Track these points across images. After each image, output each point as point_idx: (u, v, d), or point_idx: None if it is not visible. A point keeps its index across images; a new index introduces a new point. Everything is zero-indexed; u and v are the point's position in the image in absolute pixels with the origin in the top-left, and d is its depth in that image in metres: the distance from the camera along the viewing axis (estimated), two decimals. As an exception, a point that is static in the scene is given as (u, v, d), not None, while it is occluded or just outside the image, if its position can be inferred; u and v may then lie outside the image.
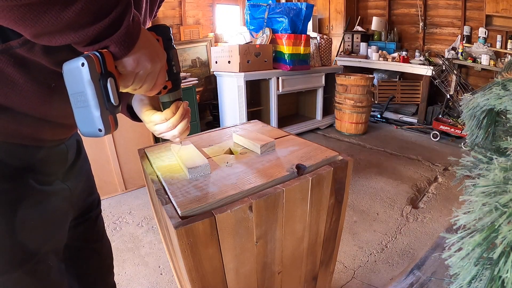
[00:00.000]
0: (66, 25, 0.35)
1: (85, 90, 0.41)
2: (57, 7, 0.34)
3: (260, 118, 2.96)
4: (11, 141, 0.46)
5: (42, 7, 0.33)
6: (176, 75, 0.57)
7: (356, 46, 4.43)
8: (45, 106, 0.47)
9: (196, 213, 0.51)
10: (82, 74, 0.40)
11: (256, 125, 0.98)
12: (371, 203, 1.99)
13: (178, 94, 0.61)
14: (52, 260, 0.55)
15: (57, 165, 0.56)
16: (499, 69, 3.11)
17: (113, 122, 0.45)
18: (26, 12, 0.33)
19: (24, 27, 0.34)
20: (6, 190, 0.46)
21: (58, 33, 0.36)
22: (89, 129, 0.44)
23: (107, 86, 0.42)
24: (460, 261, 0.30)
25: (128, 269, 1.45)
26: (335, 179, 0.68)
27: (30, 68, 0.43)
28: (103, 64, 0.41)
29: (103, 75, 0.41)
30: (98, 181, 2.33)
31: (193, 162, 0.63)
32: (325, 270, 0.84)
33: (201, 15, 3.79)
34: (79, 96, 0.42)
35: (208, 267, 0.54)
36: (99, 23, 0.38)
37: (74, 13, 0.35)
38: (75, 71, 0.41)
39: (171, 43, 0.54)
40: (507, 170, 0.31)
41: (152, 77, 0.48)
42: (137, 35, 0.43)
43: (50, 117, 0.49)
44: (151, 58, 0.46)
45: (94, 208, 0.74)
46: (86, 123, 0.44)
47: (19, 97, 0.44)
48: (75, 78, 0.41)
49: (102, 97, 0.42)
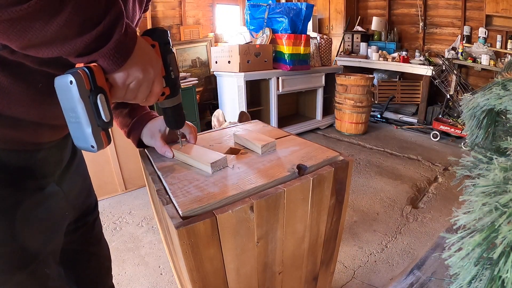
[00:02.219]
0: (51, 38, 0.34)
1: (75, 107, 0.40)
2: (41, 21, 0.32)
3: (260, 118, 2.95)
4: (4, 146, 0.44)
5: (25, 20, 0.32)
6: (174, 80, 0.55)
7: (356, 46, 4.43)
8: (36, 108, 0.46)
9: (197, 213, 0.51)
10: (72, 91, 0.39)
11: (257, 125, 0.98)
12: (371, 203, 1.99)
13: (177, 99, 0.59)
14: (51, 264, 0.55)
15: (52, 166, 0.55)
16: (499, 69, 3.11)
17: (105, 138, 0.44)
18: (8, 27, 0.32)
19: (9, 40, 0.33)
20: (3, 196, 0.45)
21: (44, 45, 0.35)
22: (83, 145, 0.44)
23: (98, 103, 0.41)
24: (460, 261, 0.30)
25: (128, 269, 1.45)
26: (336, 179, 0.68)
27: (14, 70, 0.41)
28: (92, 80, 0.40)
29: (93, 92, 0.40)
30: (98, 181, 2.32)
31: (211, 157, 0.63)
32: (325, 270, 0.84)
33: (201, 15, 3.79)
34: (71, 112, 0.41)
35: (209, 267, 0.54)
36: (85, 35, 0.36)
37: (58, 25, 0.33)
38: (64, 88, 0.40)
39: (169, 47, 0.52)
40: (507, 170, 0.31)
41: (146, 86, 0.46)
42: (130, 49, 0.41)
43: (42, 119, 0.48)
44: (142, 67, 0.44)
45: (91, 211, 0.74)
46: (79, 138, 0.43)
47: (7, 100, 0.42)
48: (65, 95, 0.40)
49: (93, 113, 0.41)
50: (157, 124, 0.71)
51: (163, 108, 0.61)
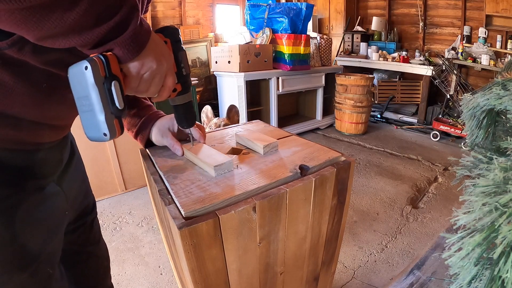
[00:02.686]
0: (69, 28, 0.35)
1: (89, 93, 0.40)
2: (60, 10, 0.33)
3: (260, 118, 2.95)
4: (4, 146, 0.44)
5: (44, 9, 0.32)
6: (185, 77, 0.56)
7: (356, 46, 4.43)
8: (38, 108, 0.46)
9: (200, 214, 0.51)
10: (86, 77, 0.40)
11: (258, 125, 0.98)
12: (371, 203, 2.00)
13: (188, 97, 0.60)
14: (53, 264, 0.55)
15: (52, 167, 0.55)
16: (499, 69, 3.11)
17: (118, 127, 0.44)
18: (28, 15, 0.32)
19: (27, 30, 0.34)
20: (4, 196, 0.45)
21: (61, 35, 0.35)
22: (95, 134, 0.43)
23: (112, 90, 0.41)
24: (460, 261, 0.30)
25: (128, 269, 1.45)
26: (338, 180, 0.69)
27: (20, 69, 0.42)
28: (107, 67, 0.40)
29: (107, 79, 0.41)
30: (98, 181, 2.32)
31: (217, 160, 0.63)
32: (326, 270, 0.84)
33: (201, 15, 3.79)
34: (84, 100, 0.41)
35: (211, 268, 0.54)
36: (103, 25, 0.37)
37: (78, 15, 0.34)
38: (79, 75, 0.40)
39: (180, 45, 0.53)
40: (507, 170, 0.31)
41: (159, 79, 0.47)
42: (145, 40, 0.42)
43: (43, 119, 0.48)
44: (156, 58, 0.45)
45: (90, 212, 0.74)
46: (91, 127, 0.43)
47: (10, 99, 0.42)
48: (79, 82, 0.40)
49: (107, 100, 0.41)
50: (165, 122, 0.72)
51: (174, 106, 0.61)
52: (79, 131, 0.60)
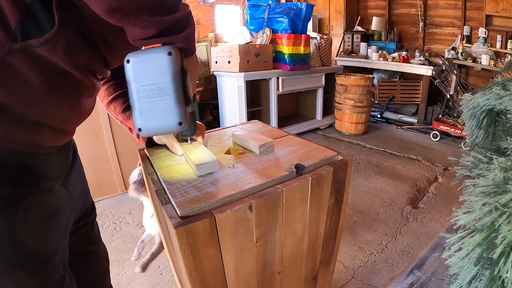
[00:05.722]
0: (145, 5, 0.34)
1: (170, 81, 0.38)
2: None
3: (260, 118, 2.96)
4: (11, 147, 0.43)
5: None
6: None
7: (356, 46, 4.43)
8: (54, 111, 0.45)
9: (196, 213, 0.51)
10: (168, 63, 0.37)
11: (256, 125, 0.98)
12: (371, 203, 1.99)
13: (192, 106, 0.59)
14: (65, 265, 0.55)
15: (60, 169, 0.55)
16: (499, 69, 3.11)
17: (188, 117, 0.42)
18: None
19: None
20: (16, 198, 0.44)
21: (133, 12, 0.35)
22: (165, 123, 0.40)
23: (186, 80, 0.40)
24: (460, 261, 0.30)
25: (128, 269, 1.45)
26: (335, 179, 0.68)
27: (48, 70, 0.41)
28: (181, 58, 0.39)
29: (183, 69, 0.40)
30: (98, 181, 2.31)
31: (201, 159, 0.62)
32: (325, 270, 0.84)
33: (201, 15, 3.79)
34: (155, 88, 0.38)
35: (208, 267, 0.54)
36: (172, 15, 0.38)
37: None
38: (156, 60, 0.37)
39: None
40: (507, 170, 0.31)
41: (195, 81, 0.49)
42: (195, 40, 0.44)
43: (55, 122, 0.47)
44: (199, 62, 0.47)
45: (90, 212, 0.75)
46: (160, 117, 0.40)
47: (32, 99, 0.41)
48: (155, 68, 0.38)
49: (183, 90, 0.40)
50: None
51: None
52: (78, 131, 0.59)
